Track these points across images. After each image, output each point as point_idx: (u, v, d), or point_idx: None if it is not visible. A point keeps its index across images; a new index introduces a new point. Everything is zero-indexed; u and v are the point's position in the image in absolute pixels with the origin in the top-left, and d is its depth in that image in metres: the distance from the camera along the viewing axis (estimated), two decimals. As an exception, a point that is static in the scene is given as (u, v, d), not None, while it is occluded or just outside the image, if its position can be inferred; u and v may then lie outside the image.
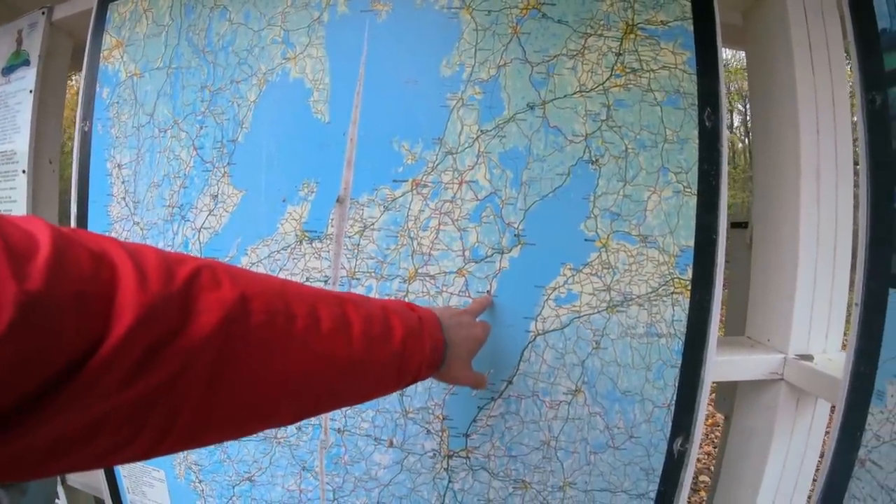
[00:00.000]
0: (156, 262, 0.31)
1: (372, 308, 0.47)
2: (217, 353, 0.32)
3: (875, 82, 0.61)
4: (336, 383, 0.43)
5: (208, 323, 0.32)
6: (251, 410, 0.37)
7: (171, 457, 0.88)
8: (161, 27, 0.89)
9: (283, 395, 0.39)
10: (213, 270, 0.35)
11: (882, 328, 0.59)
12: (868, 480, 0.58)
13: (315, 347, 0.39)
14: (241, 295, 0.35)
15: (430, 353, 0.52)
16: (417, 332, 0.50)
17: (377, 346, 0.45)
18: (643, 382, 0.68)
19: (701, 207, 0.67)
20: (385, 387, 0.50)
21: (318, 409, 0.46)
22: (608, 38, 0.69)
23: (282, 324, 0.37)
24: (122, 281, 0.29)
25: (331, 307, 0.42)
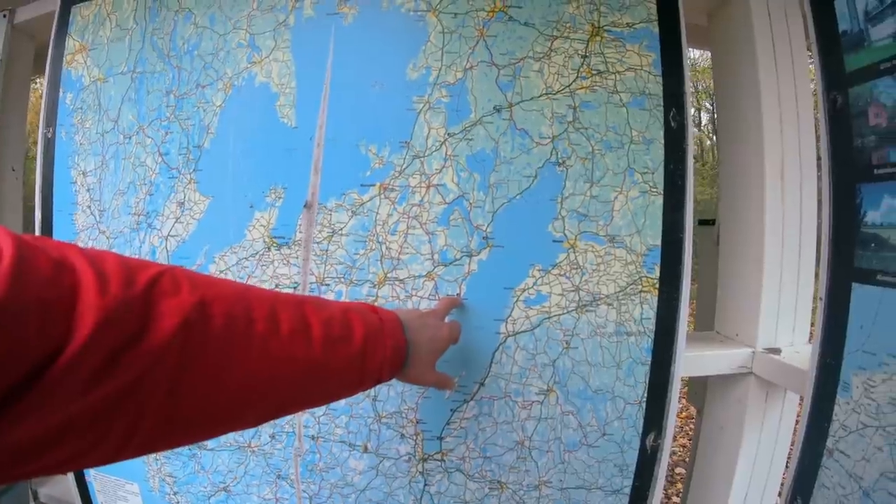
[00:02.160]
0: (116, 267, 0.32)
1: (332, 310, 0.48)
2: (177, 357, 0.33)
3: (836, 83, 0.63)
4: (297, 385, 0.44)
5: (168, 328, 0.32)
6: (213, 414, 0.38)
7: (145, 469, 0.88)
8: (125, 31, 0.88)
9: (245, 398, 0.39)
10: (174, 275, 0.35)
11: (846, 321, 0.61)
12: (836, 469, 0.60)
13: (275, 350, 0.40)
14: (200, 300, 0.35)
15: (391, 354, 0.52)
16: (378, 333, 0.51)
17: (338, 347, 0.46)
18: (614, 380, 0.69)
19: (667, 207, 0.68)
20: (347, 388, 0.51)
21: (281, 412, 0.46)
22: (574, 40, 0.70)
23: (241, 328, 0.38)
24: (83, 286, 0.29)
25: (290, 310, 0.43)
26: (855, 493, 0.57)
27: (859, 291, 0.59)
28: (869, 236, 0.59)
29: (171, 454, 0.85)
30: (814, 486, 0.63)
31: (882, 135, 0.57)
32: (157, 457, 0.86)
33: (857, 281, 0.60)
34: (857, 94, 0.60)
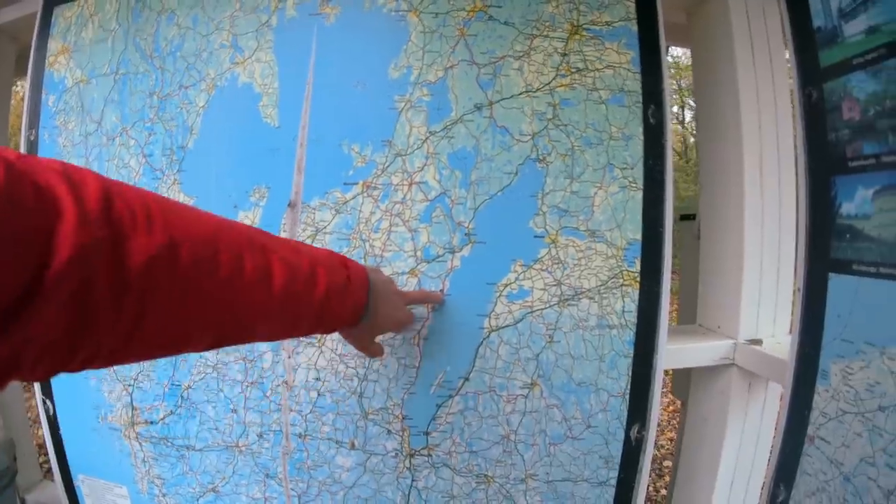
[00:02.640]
0: (96, 194, 0.33)
1: (300, 262, 0.49)
2: (141, 292, 0.35)
3: (811, 78, 0.64)
4: (248, 324, 0.46)
5: (134, 266, 0.34)
6: (164, 340, 0.41)
7: (134, 472, 0.88)
8: (108, 32, 0.88)
9: (199, 330, 0.42)
10: (149, 210, 0.37)
11: (824, 311, 0.62)
12: (818, 456, 0.61)
13: (234, 294, 0.43)
14: (169, 241, 0.37)
15: (349, 315, 0.55)
16: (341, 291, 0.53)
17: (295, 300, 0.48)
18: (597, 373, 0.70)
19: (647, 202, 0.70)
20: (297, 332, 0.54)
21: (229, 342, 0.49)
22: (554, 38, 0.71)
23: (206, 270, 0.40)
24: (63, 217, 0.31)
25: (256, 257, 0.45)
26: (836, 479, 0.58)
27: (836, 281, 0.61)
28: (844, 227, 0.60)
29: (158, 456, 0.85)
30: (796, 473, 0.65)
31: (855, 128, 0.59)
32: (146, 458, 0.86)
33: (834, 271, 0.61)
34: (831, 89, 0.62)
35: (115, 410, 0.87)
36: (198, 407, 0.81)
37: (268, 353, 0.77)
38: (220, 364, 0.79)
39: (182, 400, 0.82)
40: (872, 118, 0.56)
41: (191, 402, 0.81)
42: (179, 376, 0.81)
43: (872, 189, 0.56)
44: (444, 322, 0.71)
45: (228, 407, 0.79)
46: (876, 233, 0.56)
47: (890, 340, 0.53)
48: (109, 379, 0.86)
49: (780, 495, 0.67)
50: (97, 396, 0.88)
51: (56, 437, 0.93)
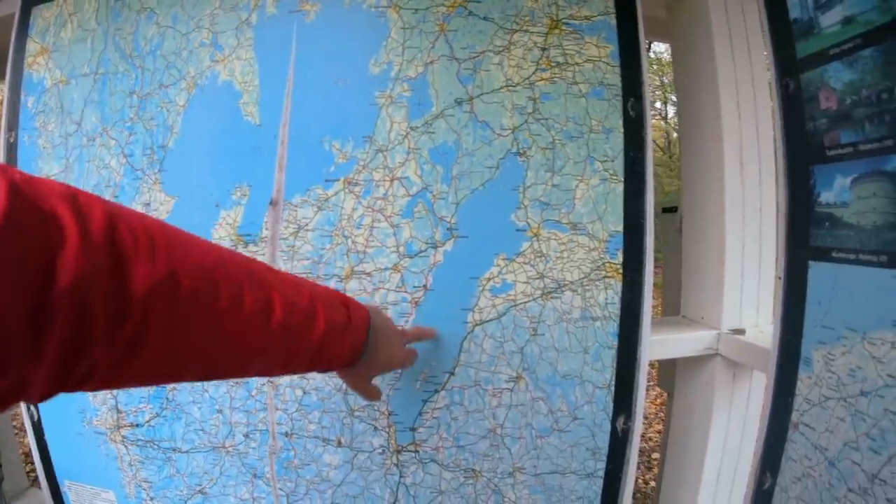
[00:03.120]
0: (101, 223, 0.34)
1: (300, 298, 0.49)
2: (140, 321, 0.35)
3: (788, 69, 0.65)
4: (244, 360, 0.46)
5: (136, 294, 0.35)
6: (160, 369, 0.41)
7: (121, 476, 0.87)
8: (87, 32, 0.88)
9: (192, 359, 0.42)
10: (153, 239, 0.37)
11: (804, 299, 0.63)
12: (802, 442, 0.62)
13: (231, 328, 0.42)
14: (171, 271, 0.37)
15: (348, 352, 0.54)
16: (340, 331, 0.52)
17: (294, 336, 0.48)
18: (582, 365, 0.71)
19: (628, 194, 0.70)
20: (295, 369, 0.54)
21: (222, 376, 0.49)
22: (533, 33, 0.72)
23: (205, 302, 0.40)
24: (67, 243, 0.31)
25: (257, 292, 0.44)
26: (821, 464, 0.59)
27: (816, 269, 0.62)
28: (823, 215, 0.61)
29: (145, 459, 0.85)
30: (781, 459, 0.66)
31: (833, 117, 0.60)
32: (132, 462, 0.86)
33: (814, 259, 0.62)
34: (808, 80, 0.63)
35: (100, 414, 0.86)
36: (183, 408, 0.81)
37: (252, 352, 0.76)
38: (204, 364, 0.78)
39: (167, 402, 0.81)
40: (849, 107, 0.57)
41: (176, 403, 0.81)
42: (164, 378, 0.81)
43: (850, 177, 0.57)
44: (427, 317, 0.71)
45: (214, 407, 0.79)
46: (854, 220, 0.57)
47: (870, 325, 0.53)
48: (94, 382, 0.86)
49: (767, 482, 0.68)
50: (82, 400, 0.87)
51: (41, 444, 0.92)
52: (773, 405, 0.68)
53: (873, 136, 0.55)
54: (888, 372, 0.51)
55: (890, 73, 0.52)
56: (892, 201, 0.52)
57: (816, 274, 0.62)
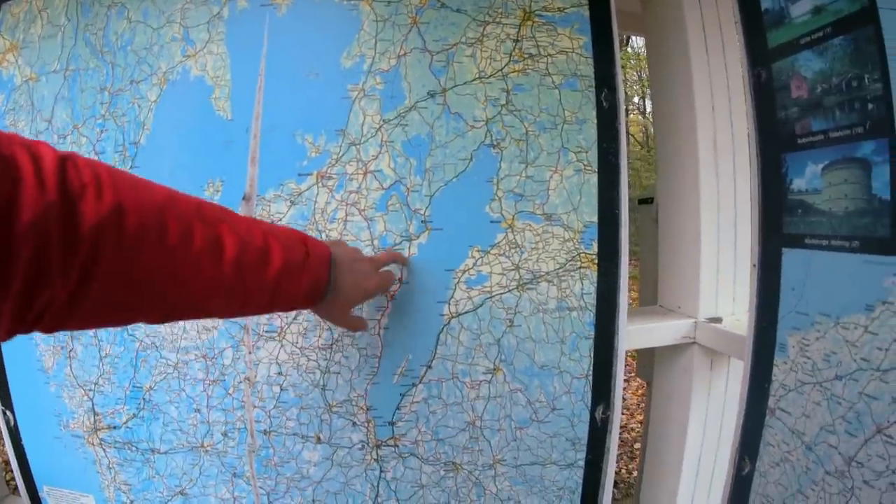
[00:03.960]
0: (52, 165, 0.36)
1: (253, 235, 0.49)
2: (89, 254, 0.37)
3: (760, 58, 0.65)
4: (199, 298, 0.46)
5: (84, 229, 0.36)
6: (116, 306, 0.42)
7: (100, 480, 0.85)
8: (57, 27, 0.86)
9: (149, 299, 0.43)
10: (98, 177, 0.38)
11: (779, 285, 0.64)
12: (780, 427, 0.62)
13: (181, 264, 0.43)
14: (117, 206, 0.38)
15: (306, 290, 0.54)
16: (297, 268, 0.52)
17: (248, 274, 0.47)
18: (559, 355, 0.70)
19: (602, 184, 0.70)
20: (256, 309, 0.54)
21: (181, 317, 0.49)
22: (506, 25, 0.71)
23: (153, 237, 0.41)
24: (24, 184, 0.34)
25: (206, 229, 0.44)
26: (798, 449, 0.59)
27: (789, 255, 0.62)
28: (795, 202, 0.61)
29: (123, 461, 0.83)
30: (759, 445, 0.66)
31: (804, 106, 0.60)
32: (111, 465, 0.84)
33: (787, 246, 0.63)
34: (779, 69, 0.63)
35: (76, 416, 0.84)
36: (160, 408, 0.79)
37: (228, 349, 0.75)
38: (180, 363, 0.77)
39: (144, 402, 0.80)
40: (820, 95, 0.57)
41: (153, 403, 0.79)
42: (140, 378, 0.79)
43: (821, 164, 0.58)
44: (403, 310, 0.70)
45: (191, 407, 0.78)
46: (826, 206, 0.57)
47: (843, 310, 0.54)
48: (69, 385, 0.84)
49: (746, 467, 0.68)
50: (58, 403, 0.85)
51: (18, 449, 0.90)
52: (749, 391, 0.68)
53: (843, 123, 0.55)
54: (862, 355, 0.51)
55: (859, 61, 0.52)
56: (863, 187, 0.53)
57: (790, 261, 0.62)
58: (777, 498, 0.63)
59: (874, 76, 0.51)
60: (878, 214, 0.50)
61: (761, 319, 0.66)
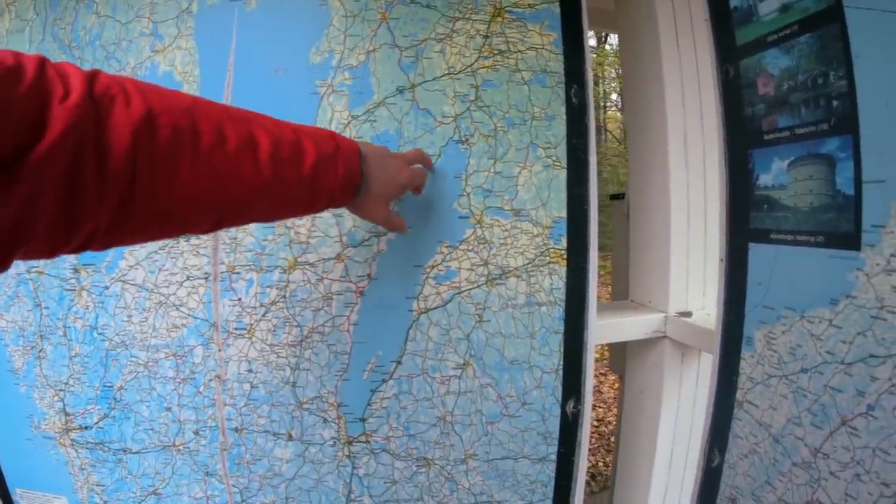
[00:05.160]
0: (79, 79, 0.35)
1: (283, 131, 0.48)
2: (125, 163, 0.36)
3: (728, 55, 0.65)
4: (242, 200, 0.45)
5: (119, 137, 0.36)
6: (163, 217, 0.41)
7: (72, 481, 0.82)
8: (25, 22, 0.82)
9: (193, 206, 0.42)
10: (124, 87, 0.38)
11: (745, 280, 0.63)
12: (747, 420, 0.62)
13: (221, 164, 0.42)
14: (148, 112, 0.38)
15: (342, 181, 0.52)
16: (331, 158, 0.51)
17: (285, 168, 0.47)
18: (529, 350, 0.69)
19: (571, 180, 0.69)
20: (298, 207, 0.52)
21: (230, 223, 0.48)
22: (476, 21, 0.70)
23: (188, 140, 0.40)
24: (54, 94, 0.33)
25: (238, 127, 0.44)
26: (766, 441, 0.59)
27: (756, 250, 0.61)
28: (762, 198, 0.61)
29: (96, 462, 0.80)
30: (728, 437, 0.65)
31: (770, 102, 0.60)
32: (83, 466, 0.81)
33: (753, 241, 0.62)
34: (747, 66, 0.63)
35: (47, 417, 0.81)
36: (131, 407, 0.77)
37: (198, 347, 0.73)
38: (150, 361, 0.74)
39: (115, 402, 0.77)
40: (786, 92, 0.57)
41: (124, 403, 0.77)
42: (111, 377, 0.77)
43: (787, 160, 0.57)
44: (373, 306, 0.69)
45: (162, 405, 0.75)
46: (792, 202, 0.57)
47: (808, 304, 0.53)
48: (40, 385, 0.81)
49: (715, 459, 0.68)
50: (28, 404, 0.82)
51: (-10, 451, 0.87)
52: (718, 384, 0.68)
53: (809, 119, 0.55)
54: (826, 349, 0.51)
55: (825, 59, 0.52)
56: (828, 183, 0.52)
57: (756, 255, 0.62)
58: (746, 489, 0.62)
59: (839, 73, 0.50)
60: (843, 210, 0.50)
61: (729, 313, 0.66)
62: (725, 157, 0.66)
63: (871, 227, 0.46)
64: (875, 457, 0.45)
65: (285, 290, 0.70)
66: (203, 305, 0.72)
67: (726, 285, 0.66)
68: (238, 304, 0.71)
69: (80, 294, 0.76)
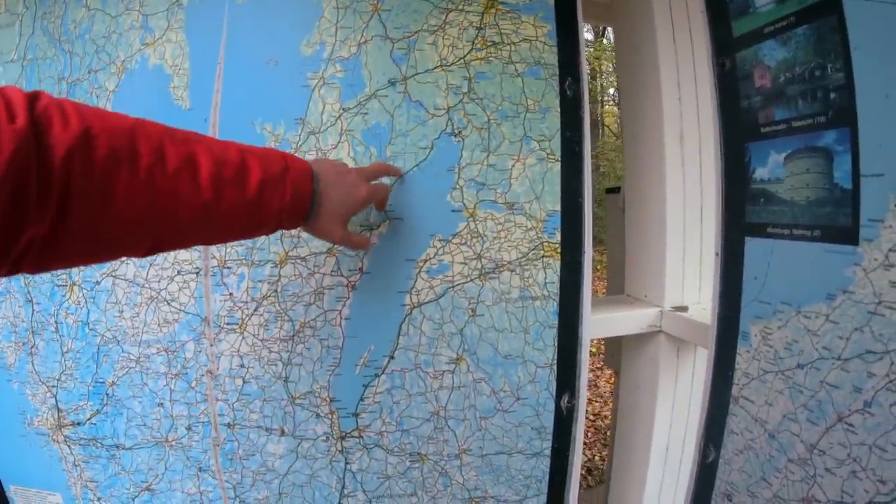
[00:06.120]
0: (21, 102, 0.35)
1: (228, 153, 0.47)
2: (62, 182, 0.36)
3: (725, 48, 0.64)
4: (181, 221, 0.44)
5: (56, 156, 0.35)
6: (100, 238, 0.40)
7: (66, 478, 0.81)
8: (14, 16, 0.81)
9: (130, 227, 0.41)
10: (62, 108, 0.37)
11: (741, 274, 0.62)
12: (743, 416, 0.61)
13: (160, 184, 0.41)
14: (85, 131, 0.37)
15: (290, 202, 0.51)
16: (278, 180, 0.49)
17: (228, 189, 0.45)
18: (523, 345, 0.68)
19: (565, 173, 0.68)
20: (244, 230, 0.51)
21: (169, 246, 0.47)
22: (469, 12, 0.69)
23: (125, 159, 0.39)
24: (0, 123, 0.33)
25: (178, 147, 0.43)
26: (761, 437, 0.58)
27: (752, 245, 0.60)
28: (758, 192, 0.60)
29: (89, 458, 0.79)
30: (723, 433, 0.65)
31: (767, 95, 0.59)
32: (76, 462, 0.80)
33: (750, 235, 0.61)
34: (743, 58, 0.62)
35: (40, 414, 0.81)
36: (124, 403, 0.76)
37: (189, 342, 0.72)
38: (142, 357, 0.74)
39: (107, 398, 0.76)
40: (783, 85, 0.56)
41: (116, 398, 0.76)
42: (102, 373, 0.76)
43: (784, 153, 0.56)
44: (365, 300, 0.68)
45: (154, 401, 0.74)
46: (788, 196, 0.56)
47: (804, 299, 0.52)
48: (32, 381, 0.80)
49: (710, 455, 0.67)
50: (21, 401, 0.81)
51: (-16, 448, 0.86)
52: (713, 380, 0.67)
53: (806, 112, 0.54)
54: (823, 344, 0.50)
55: (822, 51, 0.51)
56: (825, 176, 0.51)
57: (752, 249, 0.61)
58: (741, 485, 0.61)
59: (837, 66, 0.49)
60: (840, 204, 0.49)
61: (724, 308, 0.65)
62: (721, 150, 0.65)
63: (869, 221, 0.45)
64: (871, 453, 0.45)
65: (277, 285, 0.69)
66: (194, 300, 0.71)
67: (722, 280, 0.65)
68: (229, 299, 0.70)
69: (71, 289, 0.75)
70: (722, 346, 0.65)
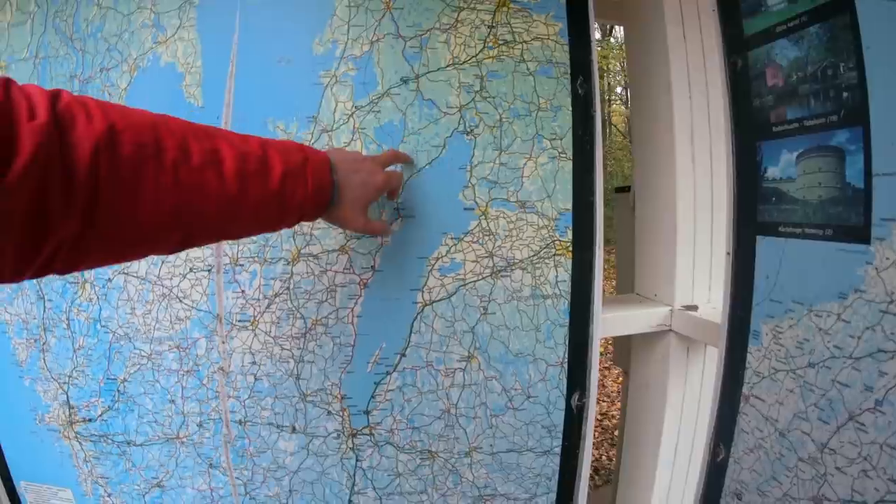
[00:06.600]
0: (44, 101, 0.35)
1: (250, 146, 0.48)
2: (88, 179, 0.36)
3: (736, 47, 0.64)
4: (210, 217, 0.45)
5: (81, 155, 0.36)
6: (128, 235, 0.41)
7: (76, 473, 0.83)
8: (26, 15, 0.82)
9: (158, 223, 0.42)
10: (86, 105, 0.38)
11: (753, 273, 0.63)
12: (753, 414, 0.62)
13: (185, 179, 0.42)
14: (110, 127, 0.37)
15: (313, 193, 0.52)
16: (299, 171, 0.50)
17: (252, 183, 0.46)
18: (534, 343, 0.69)
19: (577, 171, 0.69)
20: (268, 222, 0.52)
21: (198, 241, 0.48)
22: (481, 11, 0.69)
23: (151, 155, 0.40)
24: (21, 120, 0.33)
25: (202, 142, 0.43)
26: (772, 435, 0.58)
27: (763, 243, 0.61)
28: (770, 191, 0.60)
29: (100, 454, 0.81)
30: (734, 431, 0.65)
31: (779, 94, 0.59)
32: (87, 458, 0.82)
33: (761, 234, 0.62)
34: (755, 57, 0.62)
35: (51, 410, 0.82)
36: (135, 400, 0.77)
37: (201, 339, 0.73)
38: (154, 354, 0.75)
39: (119, 394, 0.78)
40: (795, 84, 0.56)
41: (128, 395, 0.77)
42: (114, 370, 0.77)
43: (796, 152, 0.57)
44: (377, 298, 0.69)
45: (166, 398, 0.75)
46: (800, 195, 0.56)
47: (816, 298, 0.53)
48: (44, 378, 0.81)
49: (721, 454, 0.68)
50: (33, 397, 0.83)
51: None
52: (724, 379, 0.68)
53: (818, 111, 0.54)
54: (834, 343, 0.50)
55: (835, 50, 0.52)
56: (837, 175, 0.52)
57: (764, 248, 0.62)
58: (751, 484, 0.62)
59: (849, 65, 0.50)
60: (852, 203, 0.49)
61: (735, 307, 0.66)
62: (733, 149, 0.66)
63: (881, 220, 0.46)
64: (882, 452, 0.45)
65: (289, 282, 0.70)
66: (206, 297, 0.72)
67: (733, 279, 0.66)
68: (242, 296, 0.72)
69: (83, 286, 0.77)
70: (733, 344, 0.66)
